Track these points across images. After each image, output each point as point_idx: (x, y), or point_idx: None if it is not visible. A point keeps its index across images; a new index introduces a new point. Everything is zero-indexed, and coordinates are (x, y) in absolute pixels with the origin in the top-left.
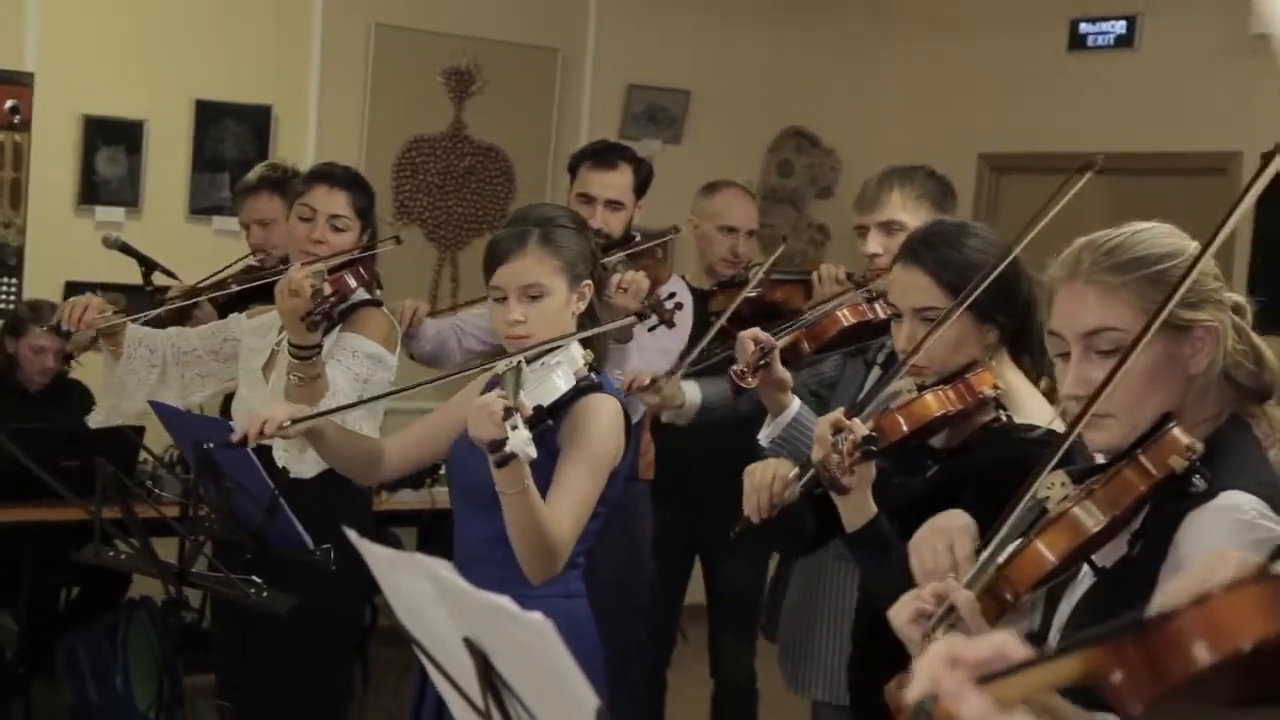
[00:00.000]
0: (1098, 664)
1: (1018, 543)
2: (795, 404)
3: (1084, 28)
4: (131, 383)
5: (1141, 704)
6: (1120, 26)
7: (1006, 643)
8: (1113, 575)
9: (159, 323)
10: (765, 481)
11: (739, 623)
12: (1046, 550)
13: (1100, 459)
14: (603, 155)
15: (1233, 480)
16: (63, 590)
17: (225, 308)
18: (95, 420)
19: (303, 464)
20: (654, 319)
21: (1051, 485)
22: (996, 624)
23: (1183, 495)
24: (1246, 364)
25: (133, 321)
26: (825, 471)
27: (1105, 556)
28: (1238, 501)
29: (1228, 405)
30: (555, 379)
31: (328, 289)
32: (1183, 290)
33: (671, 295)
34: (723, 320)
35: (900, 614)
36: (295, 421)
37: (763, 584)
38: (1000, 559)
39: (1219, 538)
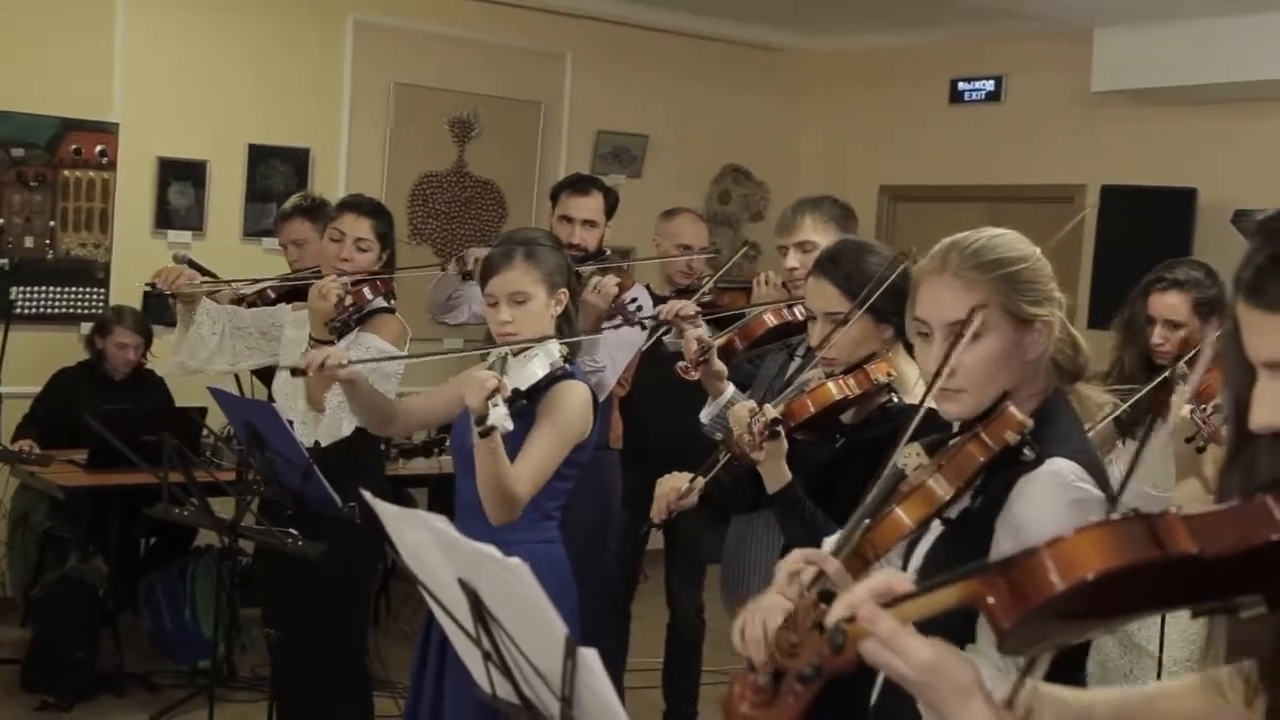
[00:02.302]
0: (975, 592)
1: (879, 510)
2: (730, 389)
3: (961, 85)
4: (196, 344)
5: (1008, 622)
6: (990, 85)
7: (893, 576)
8: (958, 524)
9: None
10: (665, 492)
11: (689, 566)
12: (905, 517)
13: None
14: (579, 184)
15: (1057, 449)
16: (142, 539)
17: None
18: (162, 370)
19: (318, 434)
20: (618, 318)
21: (909, 455)
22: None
23: (1016, 462)
24: (1067, 350)
25: (208, 297)
26: (739, 447)
27: (950, 509)
28: (1059, 468)
29: (1051, 382)
30: (532, 367)
31: (349, 299)
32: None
33: (634, 300)
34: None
35: (781, 576)
36: (345, 365)
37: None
38: (864, 526)
39: (1044, 498)
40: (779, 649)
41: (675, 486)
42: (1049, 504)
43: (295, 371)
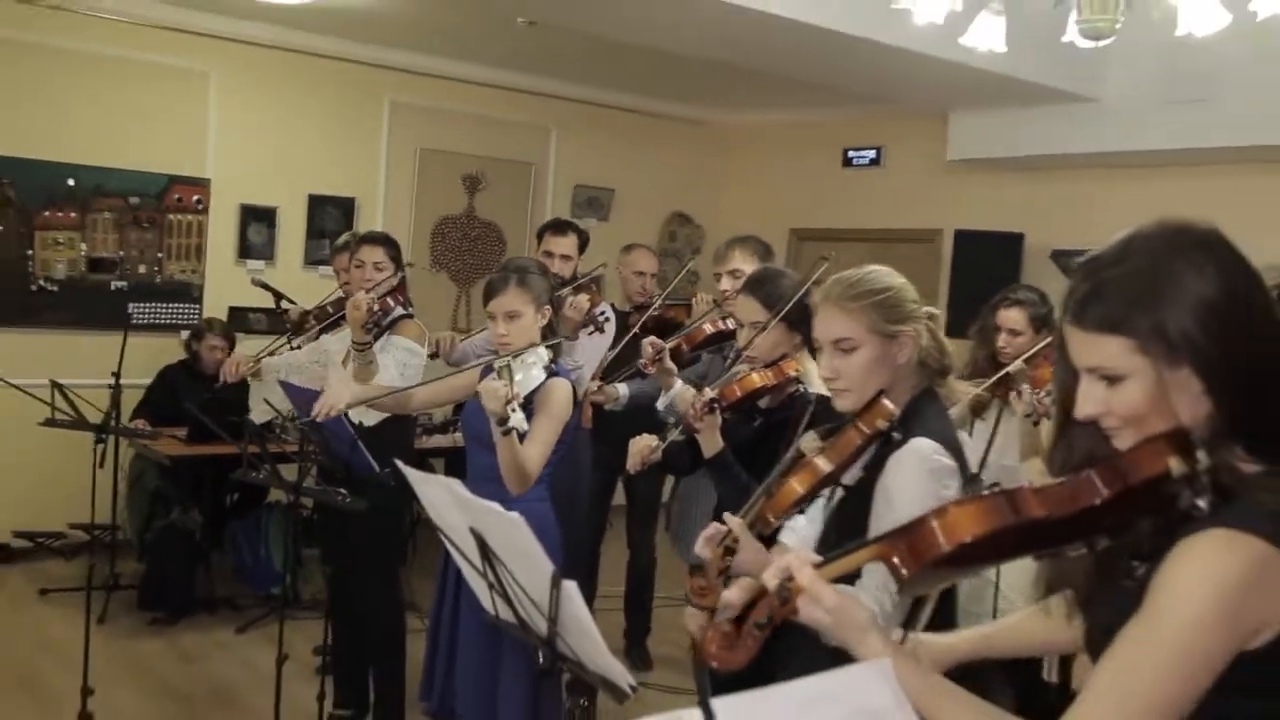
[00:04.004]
0: (883, 552)
1: (778, 481)
2: (678, 384)
3: (851, 153)
4: (270, 392)
5: (908, 573)
6: (873, 153)
7: (801, 554)
8: (853, 490)
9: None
10: (640, 449)
11: (644, 517)
12: (796, 485)
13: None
14: (558, 226)
15: (919, 432)
16: (228, 496)
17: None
18: (255, 417)
19: (366, 417)
20: (590, 327)
21: (808, 441)
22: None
23: (888, 442)
24: (935, 354)
25: (265, 357)
26: (686, 420)
27: (850, 478)
28: (919, 445)
29: (923, 380)
30: (534, 373)
31: (376, 306)
32: (789, 304)
33: (603, 313)
34: (635, 329)
35: (699, 544)
36: (349, 405)
37: (659, 495)
38: (766, 494)
39: (907, 468)
40: (693, 591)
41: (648, 444)
42: (911, 472)
43: (313, 421)
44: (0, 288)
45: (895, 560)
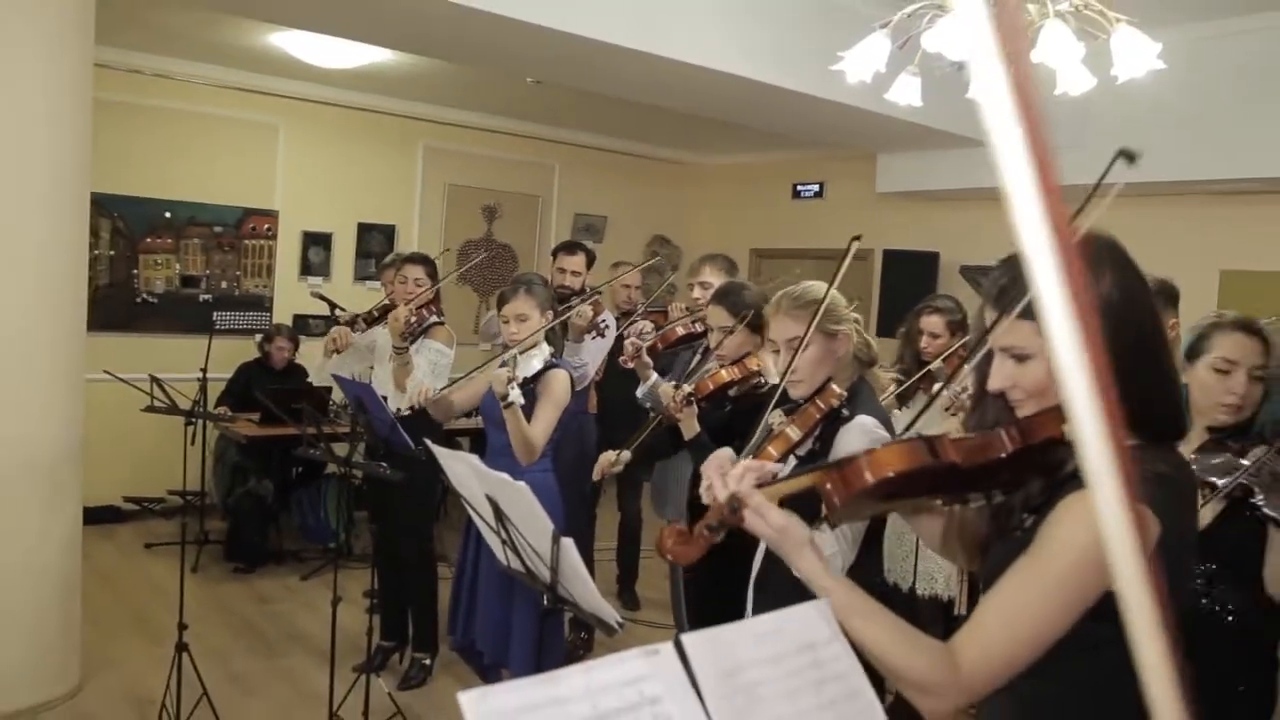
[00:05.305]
0: (818, 480)
1: (759, 448)
2: (654, 375)
3: (799, 187)
4: (329, 365)
5: (838, 501)
6: (817, 187)
7: (764, 465)
8: (806, 460)
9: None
10: (602, 464)
11: (633, 484)
12: (773, 450)
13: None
14: (570, 247)
15: (862, 409)
16: (293, 468)
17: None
18: (315, 382)
19: (400, 404)
20: (594, 332)
21: (775, 417)
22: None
23: (838, 419)
24: (864, 349)
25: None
26: (668, 411)
27: (803, 450)
28: (864, 421)
29: (856, 371)
30: (534, 363)
31: (413, 317)
32: (819, 316)
33: (604, 320)
34: (621, 330)
35: (703, 487)
36: (433, 396)
37: (645, 466)
38: (750, 456)
39: (857, 439)
40: (668, 535)
41: (610, 459)
42: (857, 442)
43: (404, 414)
44: (111, 300)
45: (828, 487)
